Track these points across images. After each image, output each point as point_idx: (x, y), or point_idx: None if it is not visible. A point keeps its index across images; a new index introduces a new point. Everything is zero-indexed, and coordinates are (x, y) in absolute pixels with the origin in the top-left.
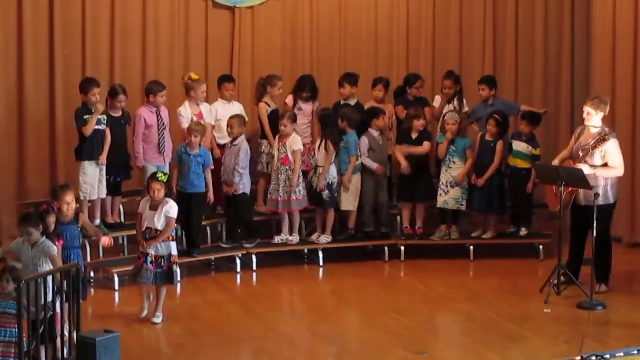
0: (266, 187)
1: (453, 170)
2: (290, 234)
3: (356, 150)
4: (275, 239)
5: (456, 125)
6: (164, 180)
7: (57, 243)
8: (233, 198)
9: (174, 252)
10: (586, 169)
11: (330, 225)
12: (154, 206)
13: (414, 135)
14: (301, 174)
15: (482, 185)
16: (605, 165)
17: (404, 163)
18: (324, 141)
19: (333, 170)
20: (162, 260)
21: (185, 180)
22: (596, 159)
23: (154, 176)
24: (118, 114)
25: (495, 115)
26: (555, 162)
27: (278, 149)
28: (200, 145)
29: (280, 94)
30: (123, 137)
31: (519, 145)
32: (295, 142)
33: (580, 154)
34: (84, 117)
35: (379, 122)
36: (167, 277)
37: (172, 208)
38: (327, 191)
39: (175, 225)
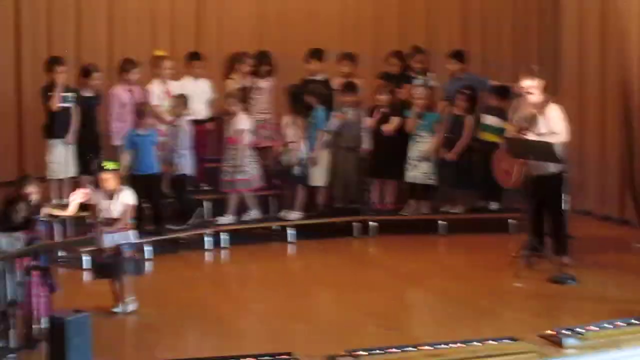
0: None
1: (421, 144)
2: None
3: (324, 125)
4: (218, 220)
5: (423, 99)
6: (113, 169)
7: (32, 233)
8: (174, 178)
9: (134, 240)
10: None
11: (300, 201)
12: (109, 195)
13: (383, 111)
14: (254, 153)
15: (452, 160)
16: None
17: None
18: (293, 117)
19: (303, 146)
20: (122, 249)
21: (140, 163)
22: (541, 127)
23: (100, 168)
24: (89, 93)
25: (465, 90)
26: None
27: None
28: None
29: (249, 71)
30: (94, 116)
31: (488, 119)
32: (240, 121)
33: (525, 124)
34: (49, 94)
35: (347, 98)
36: (131, 268)
37: (129, 195)
38: (297, 167)
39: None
